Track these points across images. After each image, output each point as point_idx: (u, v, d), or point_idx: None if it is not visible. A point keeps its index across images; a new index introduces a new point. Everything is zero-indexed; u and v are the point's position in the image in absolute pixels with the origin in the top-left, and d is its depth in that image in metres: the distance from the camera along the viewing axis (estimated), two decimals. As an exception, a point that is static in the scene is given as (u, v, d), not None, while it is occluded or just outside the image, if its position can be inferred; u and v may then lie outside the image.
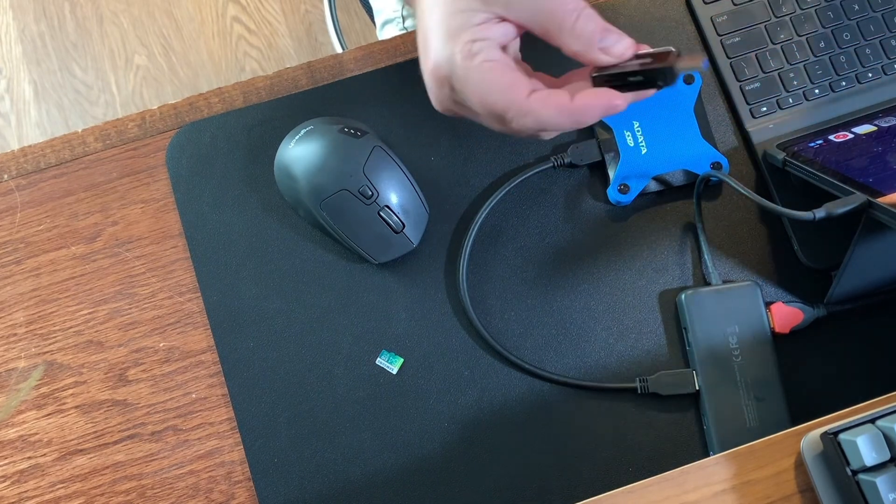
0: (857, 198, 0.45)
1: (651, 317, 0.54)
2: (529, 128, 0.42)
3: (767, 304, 0.52)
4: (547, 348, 0.54)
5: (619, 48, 0.42)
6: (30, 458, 0.53)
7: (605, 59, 0.42)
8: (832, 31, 0.57)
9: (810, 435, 0.42)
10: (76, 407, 0.54)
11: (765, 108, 0.57)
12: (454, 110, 0.45)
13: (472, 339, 0.54)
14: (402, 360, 0.54)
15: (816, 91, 0.57)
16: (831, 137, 0.53)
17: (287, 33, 1.51)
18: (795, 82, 0.57)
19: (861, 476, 0.39)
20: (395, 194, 0.53)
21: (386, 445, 0.52)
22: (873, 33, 0.57)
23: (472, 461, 0.52)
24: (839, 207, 0.45)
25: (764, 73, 0.57)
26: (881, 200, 0.44)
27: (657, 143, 0.56)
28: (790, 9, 0.58)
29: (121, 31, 1.51)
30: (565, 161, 0.56)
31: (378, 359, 0.54)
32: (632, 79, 0.41)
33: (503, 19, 0.42)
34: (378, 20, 0.87)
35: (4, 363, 0.54)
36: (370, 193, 0.53)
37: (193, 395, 0.54)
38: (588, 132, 0.57)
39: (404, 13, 0.82)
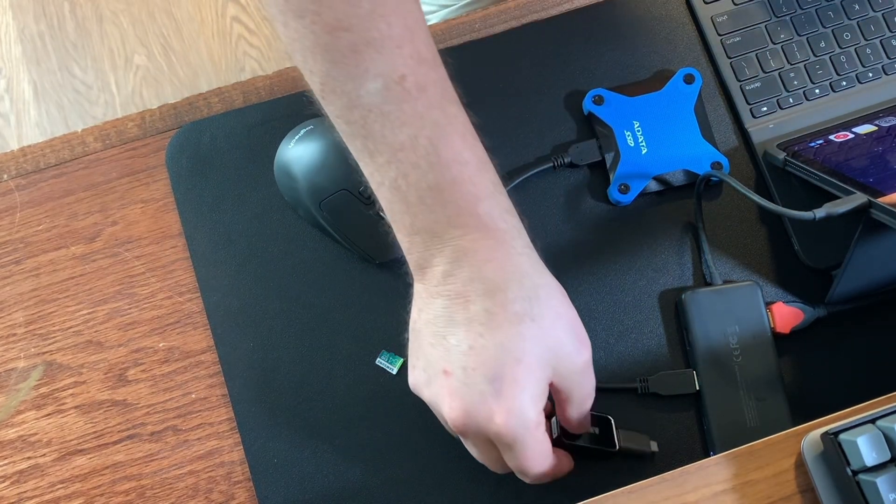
0: (858, 198, 0.45)
1: (651, 317, 0.54)
2: (536, 473, 0.45)
3: (768, 304, 0.52)
4: (547, 348, 0.54)
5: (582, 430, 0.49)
6: (29, 458, 0.53)
7: (574, 430, 0.48)
8: (832, 30, 0.57)
9: (811, 435, 0.42)
10: (76, 407, 0.54)
11: (765, 108, 0.57)
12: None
13: (472, 339, 0.54)
14: (402, 360, 0.54)
15: (817, 91, 0.57)
16: (831, 137, 0.53)
17: (287, 33, 1.51)
18: (796, 82, 0.57)
19: (861, 476, 0.39)
20: (395, 194, 0.53)
21: (386, 445, 0.52)
22: (873, 33, 0.57)
23: (472, 461, 0.52)
24: (839, 207, 0.45)
25: (764, 72, 0.57)
26: (881, 200, 0.44)
27: (657, 142, 0.56)
28: (790, 9, 0.58)
29: (120, 30, 1.51)
30: (565, 161, 0.56)
31: (378, 359, 0.54)
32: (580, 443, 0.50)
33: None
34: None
35: (4, 363, 0.54)
36: (370, 193, 0.52)
37: (193, 395, 0.54)
38: (588, 132, 0.57)
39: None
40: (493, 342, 0.41)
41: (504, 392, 0.41)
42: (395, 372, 0.53)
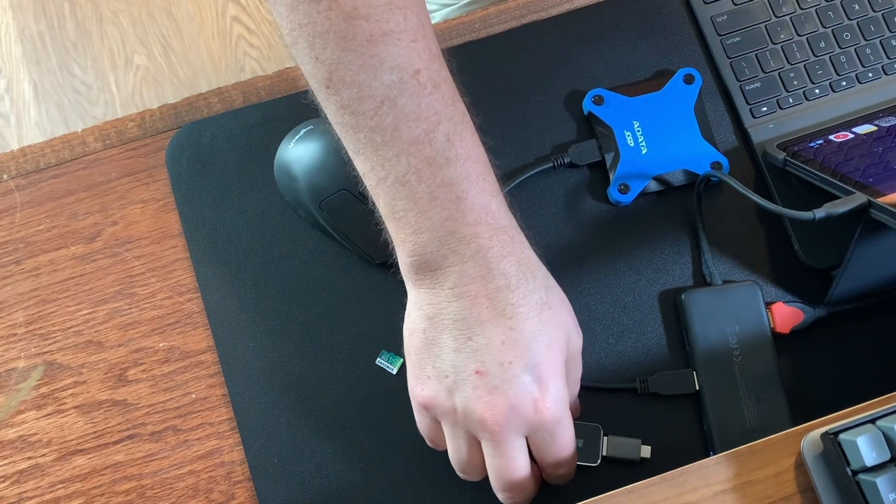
0: (857, 198, 0.45)
1: (651, 317, 0.54)
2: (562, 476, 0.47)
3: (767, 304, 0.52)
4: (547, 348, 0.54)
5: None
6: (29, 458, 0.53)
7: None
8: (832, 30, 0.57)
9: (810, 435, 0.42)
10: (76, 407, 0.54)
11: (765, 108, 0.57)
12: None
13: (472, 339, 0.54)
14: (402, 360, 0.53)
15: (816, 91, 0.57)
16: (831, 137, 0.53)
17: (287, 33, 1.51)
18: (796, 82, 0.57)
19: (861, 476, 0.39)
20: (395, 194, 0.53)
21: (386, 445, 0.52)
22: (873, 33, 0.57)
23: (472, 461, 0.52)
24: (839, 207, 0.45)
25: (764, 72, 0.57)
26: (881, 200, 0.44)
27: (657, 142, 0.56)
28: (790, 8, 0.58)
29: (120, 30, 1.51)
30: (565, 161, 0.56)
31: (378, 359, 0.54)
32: None
33: None
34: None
35: (4, 363, 0.54)
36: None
37: (193, 395, 0.54)
38: (588, 132, 0.57)
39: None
40: (524, 334, 0.42)
41: (544, 378, 0.42)
42: (395, 372, 0.53)
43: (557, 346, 0.43)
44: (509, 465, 0.43)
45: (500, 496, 0.45)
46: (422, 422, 0.47)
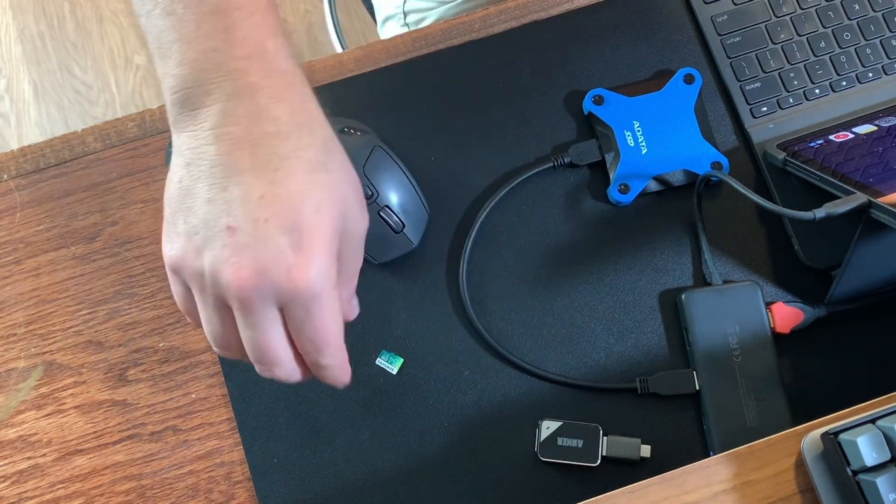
0: (858, 198, 0.45)
1: (651, 317, 0.54)
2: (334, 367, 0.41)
3: (768, 304, 0.52)
4: (547, 348, 0.54)
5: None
6: (29, 458, 0.53)
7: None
8: (832, 30, 0.57)
9: (811, 435, 0.42)
10: (76, 407, 0.54)
11: (765, 108, 0.57)
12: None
13: (472, 339, 0.54)
14: (402, 360, 0.54)
15: (817, 91, 0.57)
16: (831, 137, 0.53)
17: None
18: (796, 82, 0.57)
19: (861, 476, 0.39)
20: (395, 194, 0.53)
21: (386, 445, 0.52)
22: (873, 33, 0.57)
23: (472, 461, 0.52)
24: (839, 207, 0.45)
25: (764, 72, 0.57)
26: (881, 200, 0.44)
27: (657, 142, 0.56)
28: (790, 8, 0.58)
29: (121, 30, 1.51)
30: (565, 161, 0.56)
31: (378, 359, 0.54)
32: None
33: None
34: (379, 17, 0.87)
35: (4, 363, 0.54)
36: (370, 193, 0.52)
37: (193, 395, 0.54)
38: (588, 132, 0.57)
39: (405, 9, 0.82)
40: (289, 190, 0.37)
41: (304, 244, 0.36)
42: (395, 372, 0.53)
43: (329, 214, 0.37)
44: (260, 337, 0.38)
45: (256, 368, 0.40)
46: (174, 289, 0.40)
